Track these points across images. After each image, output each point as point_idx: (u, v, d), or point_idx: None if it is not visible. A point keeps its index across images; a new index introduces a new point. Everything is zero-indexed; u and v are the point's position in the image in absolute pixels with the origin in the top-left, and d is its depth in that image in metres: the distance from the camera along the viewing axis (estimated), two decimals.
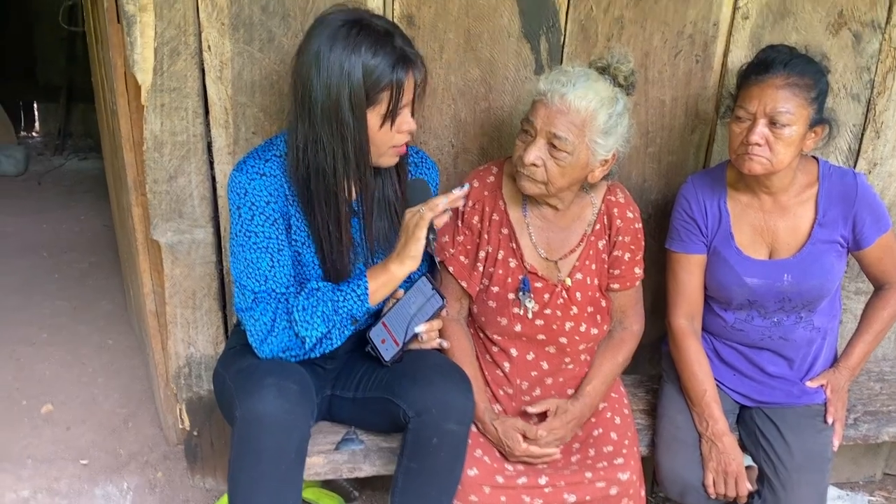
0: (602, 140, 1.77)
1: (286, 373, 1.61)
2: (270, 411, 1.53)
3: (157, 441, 2.65)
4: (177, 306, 2.19)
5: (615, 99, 1.79)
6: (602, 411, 1.99)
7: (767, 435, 1.97)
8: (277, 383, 1.56)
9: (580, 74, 1.78)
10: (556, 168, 1.77)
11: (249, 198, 1.65)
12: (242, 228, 1.66)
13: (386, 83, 1.57)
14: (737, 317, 2.02)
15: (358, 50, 1.54)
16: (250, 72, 1.95)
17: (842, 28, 2.14)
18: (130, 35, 1.87)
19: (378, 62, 1.55)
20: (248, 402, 1.55)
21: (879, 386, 2.35)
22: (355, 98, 1.56)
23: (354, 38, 1.54)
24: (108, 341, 3.31)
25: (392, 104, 1.59)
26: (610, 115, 1.77)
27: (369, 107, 1.59)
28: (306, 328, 1.64)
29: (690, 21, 2.08)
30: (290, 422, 1.55)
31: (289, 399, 1.56)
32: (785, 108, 1.76)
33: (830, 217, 1.93)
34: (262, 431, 1.53)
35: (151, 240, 2.20)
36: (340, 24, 1.56)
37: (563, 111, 1.74)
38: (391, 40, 1.58)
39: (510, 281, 1.93)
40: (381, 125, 1.62)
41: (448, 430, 1.64)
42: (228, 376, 1.72)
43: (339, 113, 1.57)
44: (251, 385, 1.57)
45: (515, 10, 2.00)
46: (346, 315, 1.66)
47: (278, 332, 1.66)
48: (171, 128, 1.98)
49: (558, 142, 1.74)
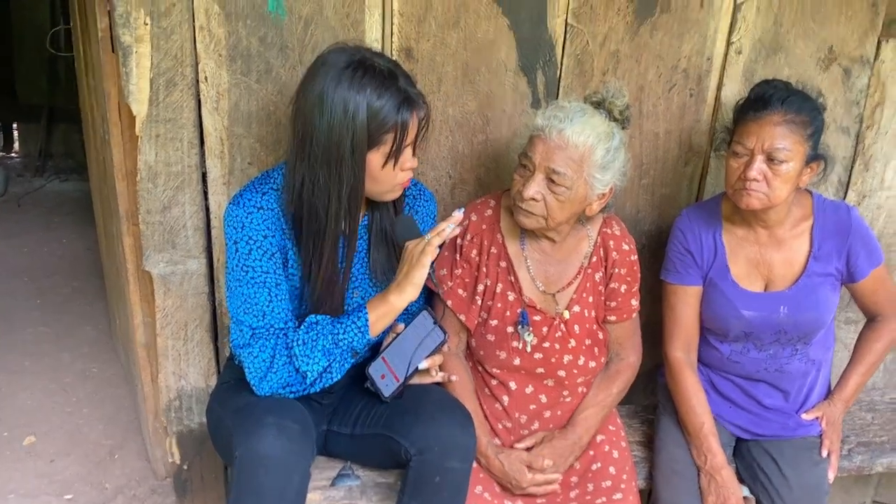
0: (600, 175, 1.78)
1: (286, 411, 1.59)
2: (271, 452, 1.51)
3: (145, 474, 2.59)
4: (168, 338, 2.15)
5: (612, 134, 1.80)
6: (600, 444, 1.98)
7: (765, 468, 1.97)
8: (278, 423, 1.54)
9: (577, 110, 1.79)
10: (555, 202, 1.77)
11: (247, 231, 1.63)
12: (239, 263, 1.64)
13: (391, 125, 1.57)
14: (733, 349, 2.03)
15: (363, 92, 1.54)
16: (247, 103, 1.94)
17: (832, 63, 2.18)
18: (126, 65, 1.85)
19: (383, 104, 1.55)
20: (248, 442, 1.52)
21: (871, 416, 2.37)
22: (357, 140, 1.56)
23: (360, 80, 1.54)
24: (92, 369, 3.26)
25: (396, 145, 1.59)
26: (607, 150, 1.78)
27: (372, 148, 1.59)
28: (307, 363, 1.62)
29: (685, 55, 2.10)
30: (291, 462, 1.53)
31: (290, 438, 1.53)
32: (782, 144, 1.78)
33: (825, 250, 1.95)
34: (262, 472, 1.50)
35: (143, 270, 2.17)
36: (345, 66, 1.55)
37: (561, 146, 1.74)
38: (395, 82, 1.58)
39: (509, 314, 1.92)
40: (383, 165, 1.62)
41: (450, 468, 1.62)
42: (225, 413, 1.69)
43: (339, 154, 1.56)
44: (251, 424, 1.55)
45: (513, 44, 2.01)
46: (346, 348, 1.65)
47: (278, 368, 1.63)
48: (165, 158, 1.96)
49: (557, 177, 1.74)
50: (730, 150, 1.88)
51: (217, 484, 2.37)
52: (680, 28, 2.07)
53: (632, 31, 2.05)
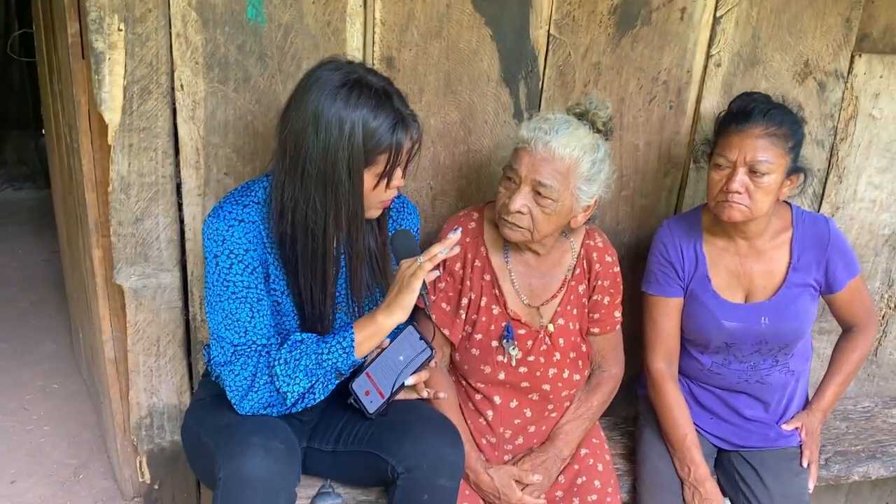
0: (586, 187, 1.77)
1: (272, 432, 1.54)
2: (258, 474, 1.46)
3: (112, 494, 2.50)
4: (140, 353, 2.08)
5: (597, 146, 1.79)
6: (584, 458, 1.96)
7: (747, 479, 1.97)
8: (264, 444, 1.49)
9: (562, 121, 1.77)
10: (541, 215, 1.76)
11: (228, 245, 1.58)
12: (220, 278, 1.59)
13: (385, 146, 1.53)
14: (714, 360, 2.04)
15: (359, 112, 1.50)
16: (224, 112, 1.89)
17: (807, 77, 2.21)
18: (98, 73, 1.78)
19: (378, 125, 1.51)
20: (233, 464, 1.47)
21: (846, 425, 2.40)
22: (354, 162, 1.52)
23: (356, 99, 1.50)
24: (53, 386, 3.14)
25: (389, 165, 1.56)
26: (593, 162, 1.77)
27: (366, 168, 1.55)
28: (288, 383, 1.57)
29: (665, 68, 2.11)
30: (277, 483, 1.48)
31: (276, 460, 1.48)
32: (764, 157, 1.79)
33: (804, 261, 1.97)
34: (249, 494, 1.45)
35: (113, 283, 2.09)
36: (340, 85, 1.51)
37: (547, 159, 1.73)
38: (390, 101, 1.54)
39: (493, 328, 1.90)
40: (375, 185, 1.58)
41: (440, 486, 1.59)
42: (205, 433, 1.63)
43: (336, 175, 1.52)
44: (236, 445, 1.49)
45: (495, 55, 1.99)
46: (330, 369, 1.60)
47: (259, 387, 1.58)
48: (139, 168, 1.89)
49: (544, 189, 1.73)
50: (711, 163, 1.89)
51: (189, 503, 2.30)
52: (660, 40, 2.08)
53: (613, 42, 2.05)
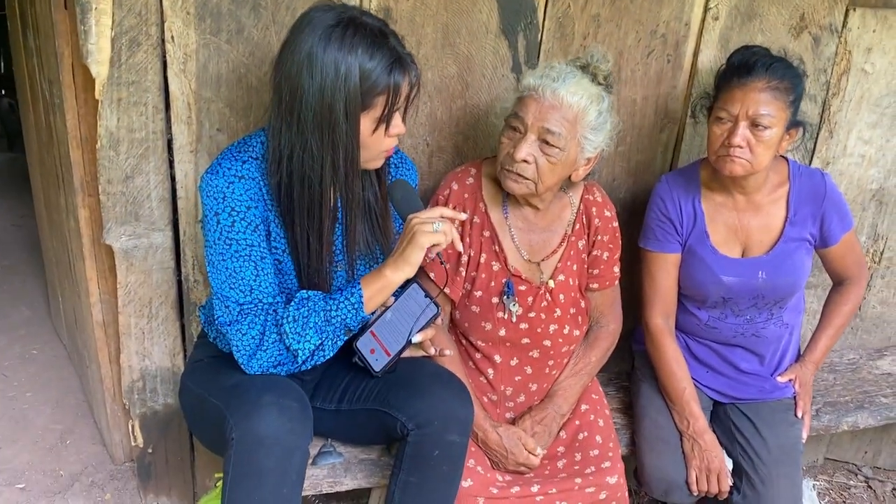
0: (592, 136, 1.76)
1: (284, 390, 1.51)
2: (272, 432, 1.43)
3: (102, 459, 2.46)
4: (131, 315, 2.03)
5: (602, 96, 1.78)
6: (585, 413, 1.97)
7: (743, 431, 2.00)
8: (278, 402, 1.46)
9: (567, 71, 1.76)
10: (546, 165, 1.74)
11: (229, 203, 1.53)
12: (222, 236, 1.54)
13: (382, 87, 1.48)
14: (711, 315, 2.05)
15: (354, 52, 1.44)
16: (216, 65, 1.82)
17: (802, 31, 2.20)
18: (84, 23, 1.70)
19: (374, 65, 1.46)
20: (246, 423, 1.44)
21: (833, 377, 2.44)
22: (351, 103, 1.47)
23: (350, 39, 1.45)
24: (31, 351, 3.07)
25: (387, 108, 1.51)
26: (599, 112, 1.76)
27: (363, 111, 1.50)
28: (298, 341, 1.54)
29: (663, 20, 2.09)
30: (291, 442, 1.46)
31: (291, 418, 1.46)
32: (766, 110, 1.78)
33: (801, 216, 1.98)
34: (263, 453, 1.43)
35: (101, 244, 2.04)
36: (334, 24, 1.45)
37: (555, 106, 1.71)
38: (386, 41, 1.49)
39: (493, 285, 1.89)
40: (374, 130, 1.53)
41: (450, 441, 1.59)
42: (210, 394, 1.60)
43: (332, 118, 1.47)
44: (248, 404, 1.46)
45: (494, 6, 1.95)
46: (339, 325, 1.57)
47: (268, 346, 1.55)
48: (128, 124, 1.83)
49: (551, 137, 1.71)
50: (712, 117, 1.88)
51: (183, 466, 2.27)
52: None
53: None
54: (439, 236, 1.52)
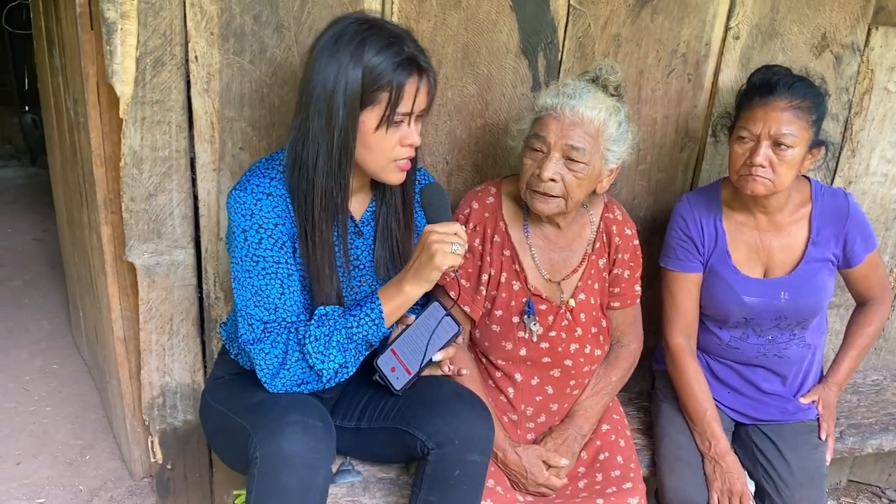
0: (615, 147, 1.77)
1: (308, 409, 1.51)
2: (297, 451, 1.44)
3: (121, 475, 2.47)
4: (152, 332, 2.04)
5: (618, 107, 1.79)
6: (606, 434, 1.96)
7: (766, 452, 1.98)
8: (302, 420, 1.47)
9: (581, 87, 1.77)
10: (574, 181, 1.74)
11: (256, 220, 1.54)
12: (249, 253, 1.55)
13: (384, 83, 1.48)
14: (732, 335, 2.03)
15: (362, 46, 1.47)
16: (239, 84, 1.84)
17: (824, 50, 2.19)
18: (110, 43, 1.73)
19: (380, 61, 1.47)
20: (271, 442, 1.44)
21: (857, 398, 2.41)
22: (349, 94, 1.47)
23: (362, 34, 1.48)
24: (52, 366, 3.09)
25: (390, 107, 1.50)
26: (619, 123, 1.77)
27: (366, 106, 1.50)
28: (322, 360, 1.54)
29: (684, 40, 2.09)
30: (316, 461, 1.46)
31: (315, 437, 1.46)
32: (788, 130, 1.77)
33: (823, 236, 1.97)
34: (287, 472, 1.43)
35: (122, 261, 2.05)
36: (352, 22, 1.50)
37: (576, 122, 1.72)
38: (401, 42, 1.50)
39: (514, 304, 1.88)
40: (376, 127, 1.52)
41: (471, 461, 1.58)
42: (233, 412, 1.60)
43: (332, 106, 1.48)
44: (273, 423, 1.47)
45: (515, 26, 1.96)
46: (361, 341, 1.57)
47: (291, 364, 1.55)
48: (152, 142, 1.85)
49: (576, 153, 1.71)
50: (734, 136, 1.87)
51: (202, 483, 2.28)
52: (680, 12, 2.05)
53: (633, 14, 2.02)
54: (457, 258, 1.51)
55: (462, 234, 1.53)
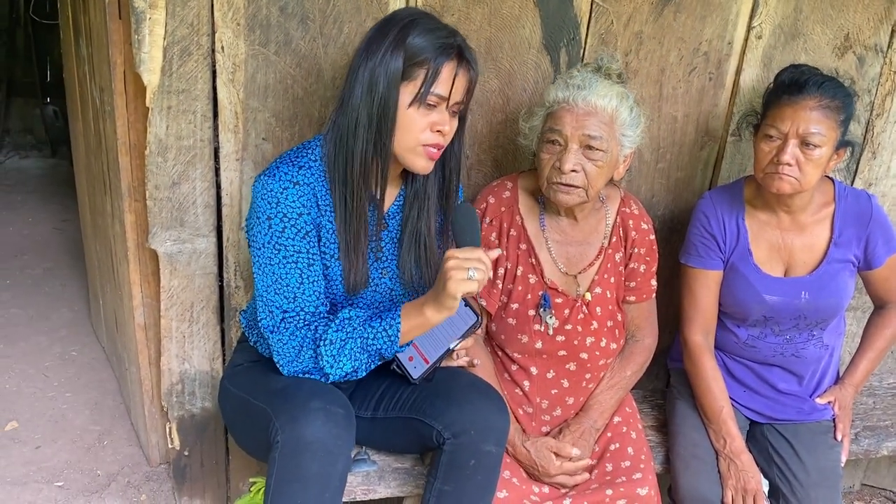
0: (630, 132, 1.80)
1: (331, 396, 1.54)
2: (319, 437, 1.46)
3: (138, 461, 2.50)
4: (172, 319, 2.07)
5: (626, 93, 1.81)
6: (617, 425, 1.96)
7: (781, 452, 1.98)
8: (325, 408, 1.49)
9: (589, 77, 1.79)
10: (594, 170, 1.76)
11: (282, 208, 1.56)
12: (272, 240, 1.57)
13: (423, 58, 1.51)
14: (750, 333, 2.03)
15: (410, 25, 1.52)
16: (264, 75, 1.86)
17: (847, 51, 2.19)
18: (138, 32, 1.75)
19: (424, 39, 1.51)
20: (293, 427, 1.47)
21: (872, 401, 2.40)
22: (392, 67, 1.51)
23: (414, 16, 1.54)
24: (71, 353, 3.13)
25: (425, 85, 1.52)
26: (630, 108, 1.80)
27: (403, 80, 1.53)
28: (331, 365, 1.57)
29: (706, 39, 2.09)
30: (337, 447, 1.49)
31: (337, 424, 1.49)
32: (817, 129, 1.77)
33: (846, 237, 1.96)
34: (309, 458, 1.46)
35: (145, 249, 2.08)
36: (408, 14, 1.56)
37: (590, 112, 1.74)
38: (450, 32, 1.55)
39: (530, 297, 1.89)
40: (410, 102, 1.54)
41: (486, 451, 1.59)
42: (255, 397, 1.62)
43: (373, 79, 1.52)
44: (295, 409, 1.49)
45: (538, 21, 1.97)
46: (374, 353, 1.60)
47: (304, 359, 1.59)
48: (177, 131, 1.87)
49: (594, 141, 1.73)
50: (761, 134, 1.87)
51: (218, 470, 2.30)
52: (703, 10, 2.05)
53: (656, 11, 2.02)
54: (472, 284, 1.48)
55: (485, 259, 1.50)
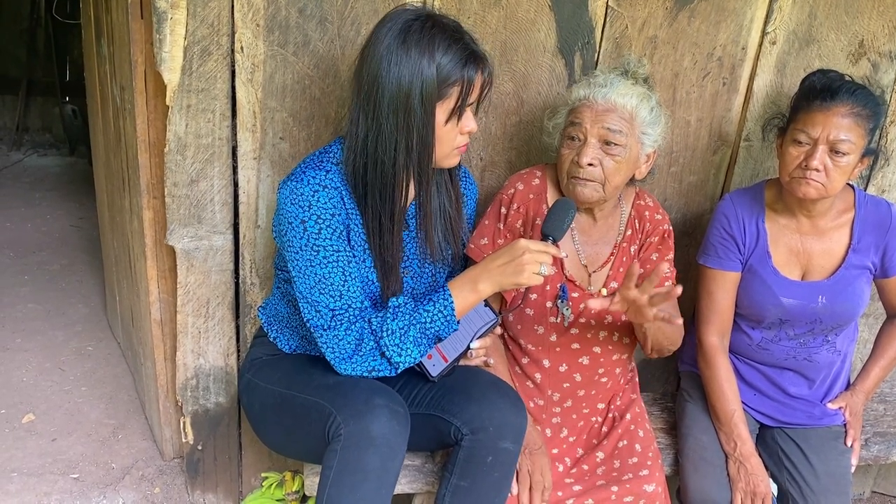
0: (650, 131, 1.81)
1: (390, 394, 1.59)
2: (384, 433, 1.51)
3: (152, 454, 2.53)
4: (188, 315, 2.10)
5: (649, 94, 1.83)
6: (627, 423, 1.97)
7: (791, 456, 1.98)
8: (388, 405, 1.54)
9: (612, 77, 1.81)
10: (612, 165, 1.78)
11: (315, 211, 1.59)
12: (309, 243, 1.60)
13: (456, 78, 1.55)
14: (764, 336, 2.04)
15: (432, 44, 1.53)
16: (282, 75, 1.89)
17: (861, 58, 2.19)
18: (160, 32, 1.79)
19: (450, 58, 1.54)
20: (358, 422, 1.51)
21: (883, 407, 2.40)
22: (427, 91, 1.53)
23: (429, 32, 1.54)
24: (87, 347, 3.17)
25: (460, 100, 1.57)
26: (651, 108, 1.81)
27: (438, 101, 1.56)
28: (399, 353, 1.60)
29: (720, 44, 2.10)
30: (398, 444, 1.54)
31: (398, 422, 1.54)
32: (847, 136, 1.78)
33: (864, 244, 1.97)
34: (372, 452, 1.50)
35: (162, 245, 2.11)
36: (413, 19, 1.55)
37: (610, 108, 1.77)
38: (462, 37, 1.57)
39: (548, 288, 1.91)
40: (447, 120, 1.59)
41: (503, 448, 1.62)
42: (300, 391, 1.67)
43: (409, 104, 1.54)
44: (360, 404, 1.54)
45: (553, 25, 1.99)
46: (433, 336, 1.63)
47: (365, 353, 1.62)
48: (196, 130, 1.90)
49: (612, 136, 1.75)
50: (789, 138, 1.87)
51: (231, 465, 2.33)
52: (717, 16, 2.06)
53: (671, 16, 2.04)
54: (539, 280, 1.57)
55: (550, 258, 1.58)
